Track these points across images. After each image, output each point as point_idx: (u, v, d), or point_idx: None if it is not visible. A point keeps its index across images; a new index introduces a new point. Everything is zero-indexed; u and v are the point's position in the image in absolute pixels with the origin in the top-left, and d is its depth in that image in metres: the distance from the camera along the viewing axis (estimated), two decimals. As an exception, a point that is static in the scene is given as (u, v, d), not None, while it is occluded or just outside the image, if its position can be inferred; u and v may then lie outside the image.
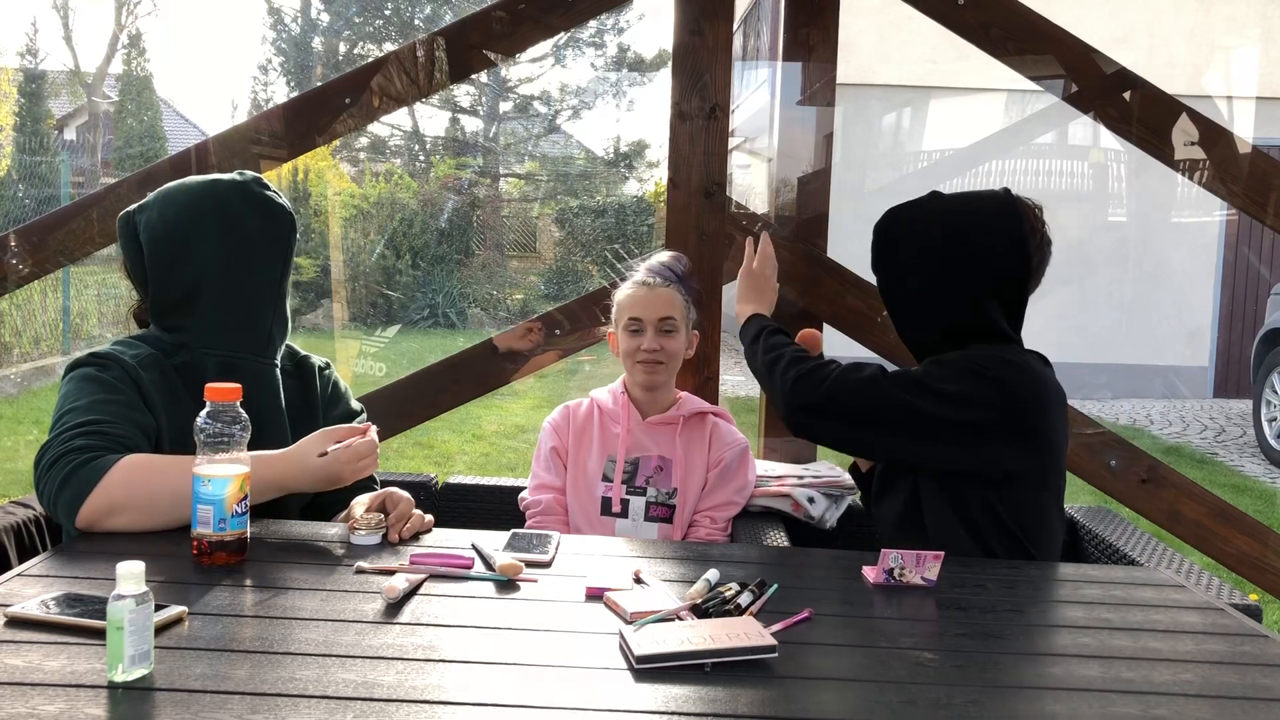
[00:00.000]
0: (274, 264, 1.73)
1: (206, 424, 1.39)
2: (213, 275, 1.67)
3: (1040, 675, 1.17)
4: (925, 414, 1.67)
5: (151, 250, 1.68)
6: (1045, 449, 1.71)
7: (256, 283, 1.71)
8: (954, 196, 1.83)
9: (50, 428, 1.56)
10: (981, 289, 1.77)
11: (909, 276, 1.83)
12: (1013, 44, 2.58)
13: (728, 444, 2.13)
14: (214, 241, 1.67)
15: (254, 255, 1.71)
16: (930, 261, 1.79)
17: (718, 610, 1.30)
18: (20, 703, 0.99)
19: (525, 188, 17.43)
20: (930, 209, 1.83)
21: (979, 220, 1.78)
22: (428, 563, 1.44)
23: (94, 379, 1.59)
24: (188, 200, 1.69)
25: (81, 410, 1.55)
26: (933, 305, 1.81)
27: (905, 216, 1.85)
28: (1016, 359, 1.72)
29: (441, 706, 1.03)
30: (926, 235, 1.81)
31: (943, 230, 1.79)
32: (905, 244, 1.83)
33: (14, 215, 9.77)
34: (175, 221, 1.68)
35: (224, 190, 1.70)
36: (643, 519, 2.08)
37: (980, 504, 1.69)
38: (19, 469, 5.70)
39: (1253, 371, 7.20)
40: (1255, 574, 2.65)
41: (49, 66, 18.10)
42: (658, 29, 25.13)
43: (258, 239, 1.71)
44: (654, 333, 2.07)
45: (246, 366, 1.70)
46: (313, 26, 18.10)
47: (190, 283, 1.67)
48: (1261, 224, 2.68)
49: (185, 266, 1.67)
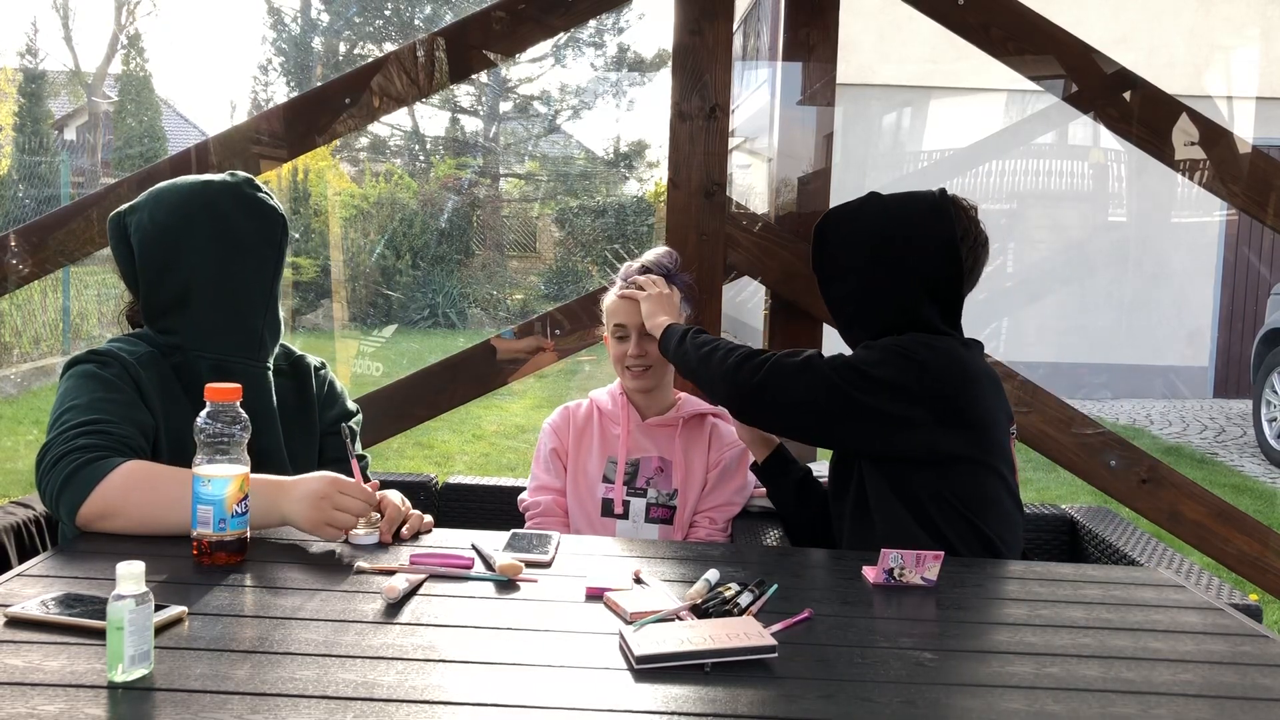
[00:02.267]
0: (265, 266, 1.71)
1: (206, 424, 1.39)
2: (204, 277, 1.66)
3: (1040, 675, 1.17)
4: (856, 396, 1.68)
5: (142, 251, 1.67)
6: (977, 429, 1.72)
7: (248, 285, 1.69)
8: (890, 198, 1.84)
9: (50, 425, 1.55)
10: (914, 290, 1.79)
11: (846, 277, 1.85)
12: (1013, 44, 2.58)
13: (727, 445, 2.13)
14: (205, 243, 1.66)
15: (245, 257, 1.69)
16: (863, 263, 1.81)
17: (718, 610, 1.30)
18: (20, 703, 0.99)
19: (525, 188, 17.44)
20: (865, 211, 1.84)
21: (910, 223, 1.79)
22: (428, 563, 1.44)
23: (94, 376, 1.58)
24: (178, 201, 1.67)
25: (83, 408, 1.54)
26: (869, 306, 1.83)
27: (840, 218, 1.87)
28: (941, 345, 1.73)
29: (441, 706, 1.03)
30: (860, 237, 1.82)
31: (876, 233, 1.81)
32: (840, 246, 1.85)
33: (14, 215, 9.78)
34: (166, 223, 1.66)
35: (215, 191, 1.69)
36: (643, 520, 2.08)
37: (925, 488, 1.70)
38: (19, 469, 5.70)
39: (1253, 371, 7.21)
40: (1255, 574, 2.65)
41: (49, 66, 18.12)
42: (658, 29, 25.15)
43: (249, 240, 1.69)
44: (638, 337, 2.07)
45: (238, 369, 1.68)
46: (313, 26, 18.11)
47: (181, 285, 1.66)
48: (1261, 224, 2.68)
49: (176, 268, 1.66)
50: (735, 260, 2.67)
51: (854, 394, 1.68)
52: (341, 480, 1.51)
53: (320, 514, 1.48)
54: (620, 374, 2.13)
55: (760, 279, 2.73)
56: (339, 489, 1.50)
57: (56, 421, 1.54)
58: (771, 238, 2.69)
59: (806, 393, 1.70)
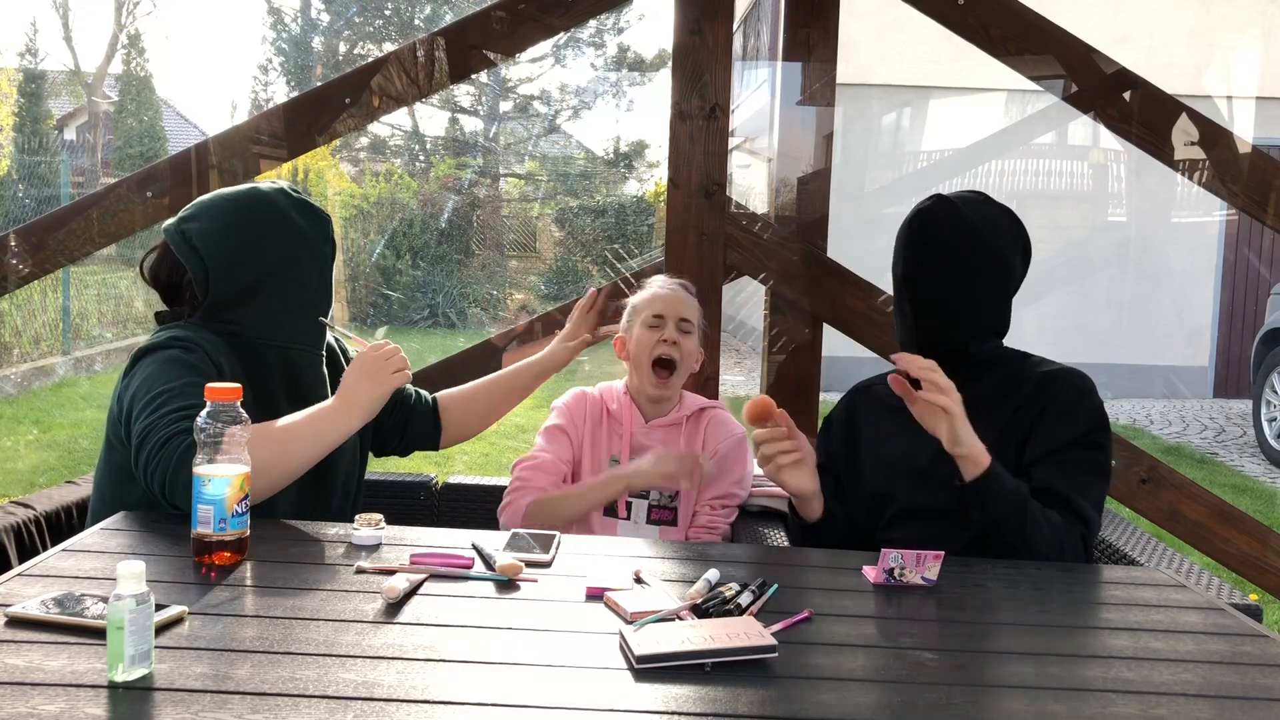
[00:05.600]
0: (323, 260, 1.84)
1: (206, 424, 1.39)
2: (273, 270, 1.76)
3: (1040, 675, 1.17)
4: (1108, 467, 1.74)
5: (211, 251, 1.74)
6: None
7: (311, 278, 1.81)
8: (988, 198, 1.82)
9: (143, 409, 1.58)
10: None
11: (1000, 272, 1.77)
12: (1013, 44, 2.58)
13: (724, 434, 2.13)
14: (273, 239, 1.77)
15: (308, 251, 1.81)
16: (1017, 264, 1.80)
17: (718, 610, 1.30)
18: (20, 703, 0.99)
19: (525, 188, 17.45)
20: (1005, 211, 1.80)
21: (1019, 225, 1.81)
22: (428, 563, 1.44)
23: (179, 361, 1.64)
24: (235, 206, 1.78)
25: (177, 394, 1.58)
26: (1004, 306, 1.79)
27: (1000, 212, 1.79)
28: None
29: (441, 706, 1.03)
30: (1021, 236, 1.81)
31: (1018, 236, 1.80)
32: (1008, 241, 1.77)
33: (14, 215, 9.78)
34: (232, 221, 1.76)
35: (268, 194, 1.81)
36: (644, 522, 2.08)
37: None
38: (19, 469, 5.70)
39: (1253, 371, 7.21)
40: (1255, 574, 2.65)
41: (49, 66, 18.13)
42: (658, 29, 25.16)
43: (308, 236, 1.81)
44: (674, 327, 2.10)
45: (301, 356, 1.80)
46: (313, 26, 18.12)
47: (252, 278, 1.75)
48: (1261, 224, 2.68)
49: (247, 263, 1.75)
50: (735, 260, 2.67)
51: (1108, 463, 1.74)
52: (366, 355, 1.69)
53: (388, 378, 1.68)
54: (640, 372, 2.11)
55: (760, 279, 2.73)
56: (374, 355, 1.68)
57: (151, 405, 1.58)
58: (771, 238, 2.69)
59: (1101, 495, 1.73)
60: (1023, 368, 1.78)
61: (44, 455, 6.01)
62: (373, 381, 1.68)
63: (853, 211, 7.36)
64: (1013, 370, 1.78)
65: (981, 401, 1.70)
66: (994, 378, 1.77)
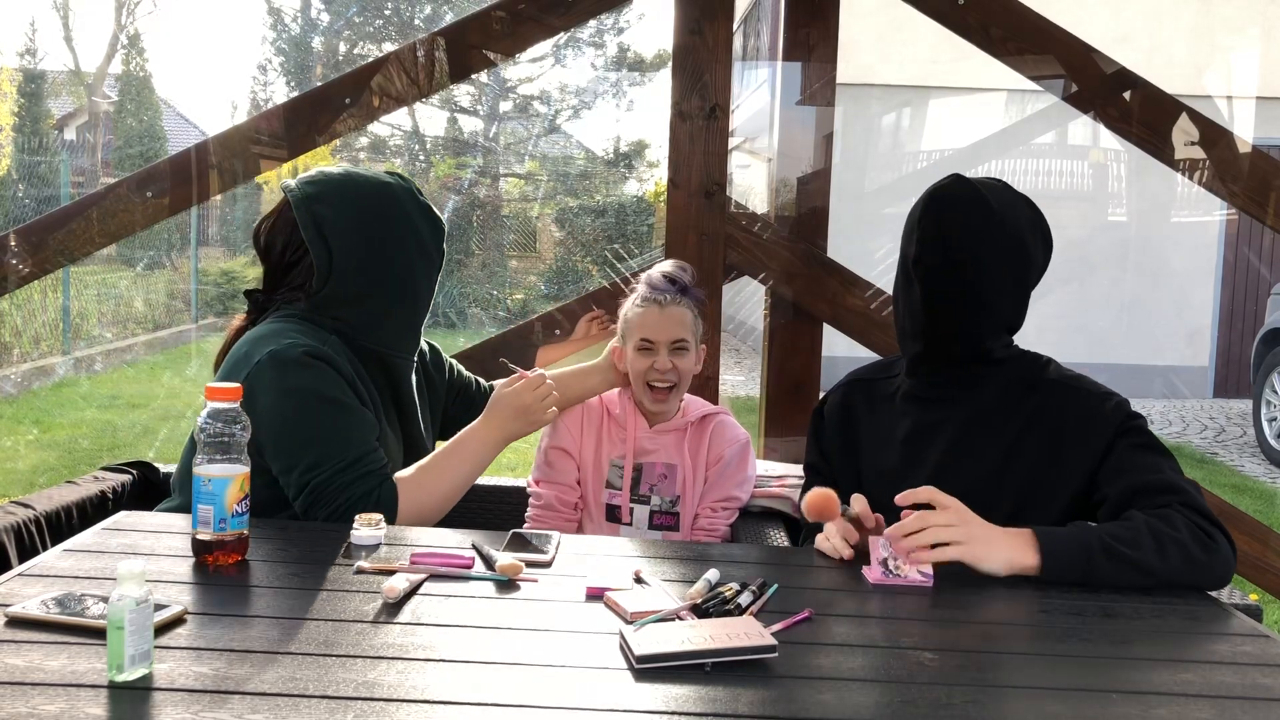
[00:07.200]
0: (434, 270, 1.84)
1: (207, 424, 1.39)
2: (391, 277, 1.76)
3: (1040, 675, 1.17)
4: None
5: (341, 247, 1.73)
6: None
7: (422, 286, 1.81)
8: (1008, 185, 1.69)
9: (307, 465, 1.62)
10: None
11: (1029, 262, 1.65)
12: (1013, 44, 2.58)
13: (729, 440, 2.12)
14: (398, 247, 1.76)
15: (424, 261, 1.80)
16: (1042, 256, 1.69)
17: (718, 610, 1.30)
18: (20, 703, 0.99)
19: (525, 188, 17.44)
20: (1013, 197, 1.66)
21: (1040, 215, 1.70)
22: (428, 563, 1.44)
23: (329, 401, 1.65)
24: (367, 201, 1.75)
25: (340, 443, 1.64)
26: (1023, 300, 1.68)
27: (1025, 203, 1.67)
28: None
29: (441, 706, 1.03)
30: (1044, 227, 1.69)
31: (1031, 222, 1.68)
32: (1025, 234, 1.64)
33: (14, 215, 9.78)
34: (366, 221, 1.74)
35: (399, 195, 1.78)
36: (646, 527, 2.07)
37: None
38: (19, 469, 5.70)
39: (1253, 371, 7.21)
40: (1255, 574, 2.65)
41: (49, 66, 18.12)
42: (658, 29, 25.10)
43: (427, 245, 1.80)
44: (666, 353, 2.02)
45: (398, 363, 1.80)
46: (313, 26, 18.11)
47: (372, 282, 1.74)
48: (1261, 224, 2.68)
49: (370, 268, 1.74)
50: (735, 260, 2.67)
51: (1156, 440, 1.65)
52: (523, 392, 1.76)
53: (540, 416, 1.79)
54: (638, 390, 2.07)
55: (760, 279, 2.73)
56: (533, 395, 1.77)
57: (320, 461, 1.62)
58: (771, 238, 2.69)
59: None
60: (1036, 378, 1.67)
61: (44, 455, 6.02)
62: (525, 421, 1.77)
63: (853, 211, 7.35)
64: (1023, 376, 1.68)
65: (989, 416, 1.65)
66: (1000, 383, 1.66)
